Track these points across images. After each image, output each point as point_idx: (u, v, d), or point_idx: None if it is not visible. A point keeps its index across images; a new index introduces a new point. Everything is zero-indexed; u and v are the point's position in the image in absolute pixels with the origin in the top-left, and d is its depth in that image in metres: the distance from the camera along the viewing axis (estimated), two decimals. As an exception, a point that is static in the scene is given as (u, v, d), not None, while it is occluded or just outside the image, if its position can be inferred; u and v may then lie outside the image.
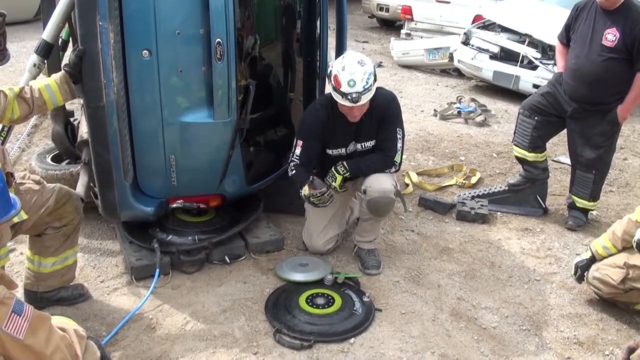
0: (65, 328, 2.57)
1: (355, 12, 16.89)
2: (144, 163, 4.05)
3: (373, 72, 4.02)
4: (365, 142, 4.34)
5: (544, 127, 5.26)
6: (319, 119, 4.26)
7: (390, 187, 4.22)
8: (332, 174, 4.32)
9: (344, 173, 4.29)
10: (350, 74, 3.93)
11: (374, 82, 4.02)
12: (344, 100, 3.99)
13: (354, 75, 3.93)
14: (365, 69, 3.97)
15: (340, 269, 4.45)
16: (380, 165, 4.29)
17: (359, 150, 4.36)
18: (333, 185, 4.32)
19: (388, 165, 4.29)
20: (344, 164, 4.29)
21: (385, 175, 4.27)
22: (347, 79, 3.93)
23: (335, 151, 4.36)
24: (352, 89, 3.93)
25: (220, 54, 3.76)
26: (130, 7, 3.62)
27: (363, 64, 3.99)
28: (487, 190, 5.80)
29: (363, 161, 4.33)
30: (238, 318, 3.87)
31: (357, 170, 4.32)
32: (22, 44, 10.60)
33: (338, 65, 4.02)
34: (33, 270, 3.77)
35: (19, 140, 6.37)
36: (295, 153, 4.27)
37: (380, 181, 4.22)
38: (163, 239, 4.37)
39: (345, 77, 3.94)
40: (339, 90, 3.97)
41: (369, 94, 4.01)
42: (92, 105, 3.64)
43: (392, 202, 4.31)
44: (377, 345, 3.67)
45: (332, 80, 4.03)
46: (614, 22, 4.74)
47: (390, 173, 4.31)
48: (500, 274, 4.55)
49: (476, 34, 10.02)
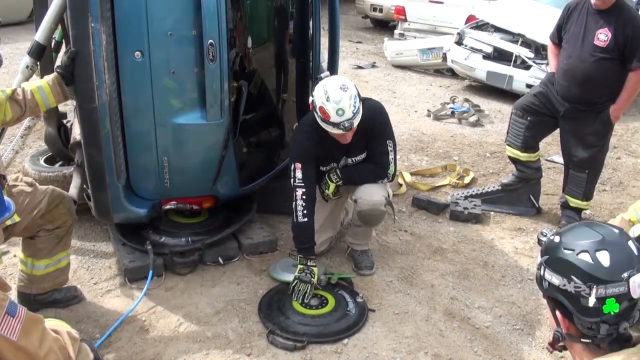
0: (59, 330, 2.57)
1: (349, 12, 16.90)
2: (136, 164, 4.05)
3: (357, 93, 3.91)
4: (355, 157, 4.31)
5: (536, 127, 5.27)
6: (312, 139, 4.16)
7: (381, 199, 4.20)
8: (325, 182, 4.32)
9: (336, 181, 4.28)
10: (336, 104, 3.79)
11: (360, 102, 3.92)
12: (336, 129, 3.88)
13: (340, 103, 3.79)
14: (349, 93, 3.83)
15: (334, 270, 4.45)
16: (373, 177, 4.27)
17: (350, 164, 4.34)
18: (326, 192, 4.32)
19: (381, 176, 4.27)
20: (337, 172, 4.28)
21: (376, 187, 4.25)
22: (334, 109, 3.80)
23: (328, 167, 4.34)
24: (342, 118, 3.81)
25: (212, 55, 3.76)
26: (123, 8, 3.61)
27: (346, 88, 3.85)
28: (480, 190, 5.82)
29: (357, 171, 4.31)
30: (231, 319, 3.87)
31: (350, 180, 4.30)
32: (15, 45, 10.57)
33: (320, 95, 3.87)
34: (26, 272, 3.76)
35: (12, 142, 6.37)
36: (297, 177, 4.10)
37: (372, 193, 4.20)
38: (156, 241, 4.36)
39: (332, 108, 3.80)
40: (329, 121, 3.85)
41: (359, 116, 3.92)
42: (85, 107, 3.64)
43: (383, 214, 4.31)
44: (370, 346, 3.67)
45: (318, 112, 3.90)
46: (605, 22, 4.75)
47: (383, 183, 4.30)
48: (493, 274, 4.56)
49: (469, 34, 10.04)
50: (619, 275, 1.85)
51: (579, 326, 1.93)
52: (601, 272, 1.86)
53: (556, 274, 1.94)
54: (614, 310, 1.85)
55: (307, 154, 4.16)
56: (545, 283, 1.99)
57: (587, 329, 1.91)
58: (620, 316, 1.87)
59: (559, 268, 1.93)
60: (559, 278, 1.92)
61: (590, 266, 1.87)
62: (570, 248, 1.93)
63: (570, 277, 1.89)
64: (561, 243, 1.98)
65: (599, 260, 1.87)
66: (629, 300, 1.86)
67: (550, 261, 1.97)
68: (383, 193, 4.23)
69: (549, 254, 1.99)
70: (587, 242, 1.91)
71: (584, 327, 1.92)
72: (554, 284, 1.94)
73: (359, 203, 4.21)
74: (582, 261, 1.88)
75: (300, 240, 4.13)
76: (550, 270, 1.96)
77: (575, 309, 1.90)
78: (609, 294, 1.84)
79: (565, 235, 2.01)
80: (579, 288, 1.87)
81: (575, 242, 1.94)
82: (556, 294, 1.95)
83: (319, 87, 3.92)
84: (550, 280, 1.96)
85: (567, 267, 1.91)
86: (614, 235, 1.94)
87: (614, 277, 1.85)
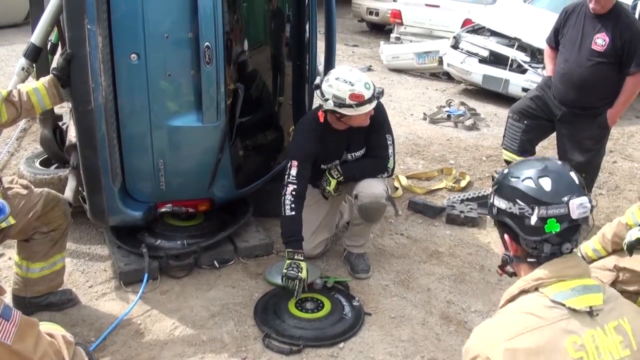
0: (54, 334, 2.55)
1: (345, 15, 16.91)
2: (132, 167, 4.03)
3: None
4: (355, 152, 4.35)
5: (533, 131, 5.27)
6: (313, 138, 4.22)
7: (382, 192, 4.22)
8: (326, 178, 4.33)
9: (338, 177, 4.30)
10: (359, 81, 3.94)
11: None
12: (373, 102, 4.02)
13: (363, 79, 3.97)
14: (357, 70, 4.03)
15: (330, 273, 4.45)
16: (373, 171, 4.29)
17: (350, 160, 4.37)
18: (327, 189, 4.33)
19: (381, 170, 4.29)
20: (338, 169, 4.30)
21: (377, 181, 4.26)
22: (361, 85, 3.93)
23: (329, 165, 4.36)
24: (372, 89, 3.99)
25: (209, 58, 3.75)
26: (119, 10, 3.60)
27: (352, 69, 4.07)
28: (476, 193, 5.82)
29: (357, 166, 4.35)
30: (227, 323, 3.86)
31: (351, 175, 4.32)
32: (11, 47, 10.56)
33: (342, 86, 3.93)
34: (21, 275, 3.74)
35: (8, 145, 6.35)
36: (291, 174, 4.14)
37: (372, 186, 4.22)
38: (152, 244, 4.35)
39: (360, 86, 3.93)
40: (364, 100, 3.94)
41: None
42: (81, 109, 3.62)
43: (384, 208, 4.31)
44: (366, 350, 3.66)
45: (348, 101, 3.92)
46: (603, 27, 4.76)
47: (383, 178, 4.31)
48: (490, 277, 4.55)
49: (465, 38, 10.05)
50: (560, 199, 2.01)
51: (525, 246, 2.09)
52: (543, 195, 2.02)
53: (503, 199, 2.11)
54: (555, 230, 2.00)
55: (305, 154, 4.20)
56: (495, 209, 2.16)
57: (532, 248, 2.07)
58: (561, 236, 2.03)
59: (506, 193, 2.11)
60: (505, 202, 2.10)
61: (533, 190, 2.04)
62: (516, 176, 2.11)
63: (515, 200, 2.06)
64: (508, 173, 2.16)
65: (541, 185, 2.04)
66: (569, 221, 2.01)
67: (498, 189, 2.16)
68: (383, 187, 4.25)
69: (498, 184, 2.17)
70: (531, 171, 2.09)
71: (529, 246, 2.08)
72: (501, 208, 2.12)
73: (360, 197, 4.21)
74: (525, 186, 2.06)
75: (288, 233, 4.12)
76: (498, 196, 2.15)
77: (520, 229, 2.06)
78: (550, 214, 2.00)
79: (513, 167, 2.20)
80: (522, 209, 2.04)
81: (520, 171, 2.12)
82: (503, 217, 2.12)
83: (334, 83, 3.97)
84: (499, 205, 2.13)
85: (512, 192, 2.08)
86: (556, 166, 2.12)
87: (554, 200, 2.01)
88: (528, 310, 1.97)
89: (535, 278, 2.04)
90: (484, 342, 1.96)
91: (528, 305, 2.00)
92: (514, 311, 2.03)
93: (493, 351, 1.89)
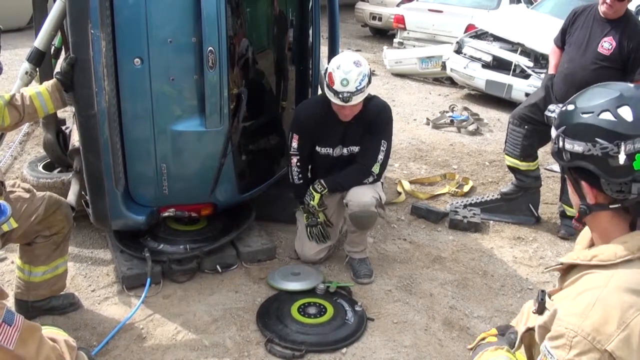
0: (56, 339, 2.56)
1: (348, 20, 16.94)
2: (135, 171, 4.03)
3: (368, 74, 4.02)
4: (351, 147, 4.35)
5: (534, 136, 5.26)
6: (313, 114, 4.29)
7: (371, 200, 4.21)
8: (310, 193, 4.35)
9: (321, 191, 4.31)
10: (344, 73, 3.94)
11: (367, 84, 4.02)
12: (335, 98, 4.00)
13: (348, 74, 3.93)
14: (360, 70, 3.97)
15: (333, 278, 4.44)
16: (357, 176, 4.30)
17: (345, 155, 4.36)
18: (311, 204, 4.35)
19: (365, 175, 4.28)
20: (320, 182, 4.32)
21: (366, 188, 4.26)
22: (340, 77, 3.94)
23: (324, 150, 4.37)
24: (345, 89, 3.94)
25: (212, 62, 3.75)
26: (122, 15, 3.61)
27: (359, 64, 4.00)
28: (479, 198, 5.81)
29: (340, 176, 4.35)
30: (229, 328, 3.85)
31: (336, 186, 4.34)
32: (14, 51, 10.57)
33: (334, 63, 4.05)
34: (23, 279, 3.74)
35: (11, 149, 6.36)
36: (292, 146, 4.33)
37: (361, 195, 4.22)
38: (154, 248, 4.34)
39: (339, 76, 3.95)
40: (332, 88, 3.98)
41: (361, 95, 4.01)
42: (84, 114, 3.63)
43: (374, 215, 4.30)
44: (369, 355, 3.66)
45: (326, 77, 4.05)
46: (611, 31, 4.76)
47: (371, 184, 4.31)
48: (492, 283, 4.54)
49: (469, 43, 10.06)
50: None
51: (608, 191, 1.81)
52: (626, 127, 1.74)
53: (578, 141, 1.81)
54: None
55: (305, 128, 4.32)
56: (567, 155, 1.85)
57: (616, 192, 1.79)
58: None
59: (580, 134, 1.81)
60: (582, 144, 1.80)
61: (614, 124, 1.75)
62: (588, 111, 1.81)
63: (595, 140, 1.76)
64: (577, 109, 1.86)
65: (621, 116, 1.75)
66: None
67: (568, 130, 1.85)
68: (373, 194, 4.24)
69: (566, 124, 1.87)
70: (605, 101, 1.80)
71: (614, 190, 1.79)
72: (577, 151, 1.81)
73: (350, 206, 4.23)
74: (604, 120, 1.77)
75: (300, 195, 4.46)
76: (570, 139, 1.83)
77: (603, 172, 1.78)
78: (637, 148, 1.73)
79: (580, 101, 1.89)
80: (605, 149, 1.75)
81: (592, 104, 1.83)
82: (580, 162, 1.82)
83: (338, 56, 4.16)
84: (572, 149, 1.82)
85: (589, 131, 1.79)
86: (630, 90, 1.83)
87: (639, 131, 1.74)
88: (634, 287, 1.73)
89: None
90: (588, 325, 1.69)
91: (635, 280, 1.74)
92: (617, 288, 1.74)
93: (606, 339, 1.66)
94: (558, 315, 1.77)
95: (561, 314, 1.76)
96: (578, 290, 1.79)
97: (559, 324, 1.74)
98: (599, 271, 1.79)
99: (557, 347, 1.72)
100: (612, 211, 1.84)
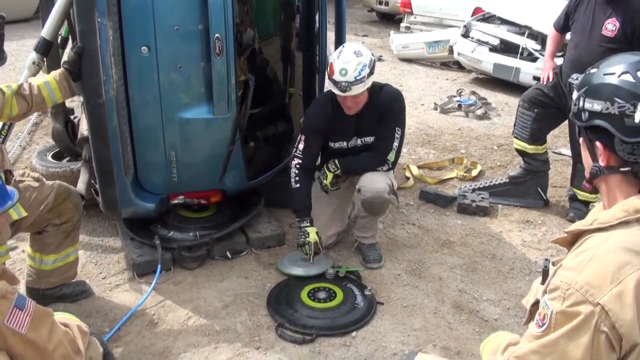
0: (68, 324, 2.58)
1: (355, 5, 16.87)
2: (144, 159, 4.05)
3: (369, 64, 3.98)
4: (366, 137, 4.33)
5: (543, 120, 5.25)
6: (323, 113, 4.27)
7: (384, 186, 4.21)
8: (323, 172, 4.35)
9: (334, 171, 4.31)
10: (343, 63, 3.93)
11: (368, 74, 3.98)
12: (334, 88, 3.99)
13: (347, 64, 3.92)
14: (360, 60, 3.95)
15: (342, 263, 4.46)
16: (372, 163, 4.28)
17: (359, 145, 4.36)
18: (324, 182, 4.35)
19: (380, 163, 4.26)
20: (335, 162, 4.31)
21: (379, 174, 4.25)
22: (339, 67, 3.93)
23: (337, 144, 4.36)
24: (343, 78, 3.92)
25: (219, 50, 3.76)
26: (129, 3, 3.61)
27: (359, 54, 3.97)
28: (488, 182, 5.81)
29: (355, 159, 4.35)
30: (240, 313, 3.88)
31: (349, 168, 4.34)
32: (21, 42, 10.60)
33: (335, 53, 4.05)
34: (34, 267, 3.77)
35: (20, 139, 6.39)
36: (298, 147, 4.28)
37: (374, 181, 4.21)
38: (164, 235, 4.37)
39: (338, 66, 3.94)
40: (332, 78, 3.98)
41: (361, 86, 3.97)
42: (92, 102, 3.64)
43: (387, 202, 4.31)
44: (379, 339, 3.68)
45: (328, 68, 4.06)
46: (614, 12, 4.73)
47: (384, 171, 4.30)
48: (501, 267, 4.55)
49: (476, 27, 10.02)
50: None
51: (620, 152, 1.87)
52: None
53: (598, 100, 1.89)
54: None
55: (315, 129, 4.30)
56: (585, 114, 1.94)
57: (628, 153, 1.86)
58: None
59: (601, 93, 1.89)
60: (601, 103, 1.88)
61: (634, 85, 1.83)
62: (610, 72, 1.90)
63: (614, 99, 1.85)
64: (599, 70, 1.94)
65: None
66: None
67: (590, 90, 1.93)
68: (386, 181, 4.24)
69: (588, 84, 1.95)
70: (626, 65, 1.88)
71: (626, 151, 1.86)
72: (596, 110, 1.89)
73: (362, 191, 4.22)
74: (624, 81, 1.85)
75: (296, 204, 4.37)
76: (590, 98, 1.92)
77: (618, 131, 1.85)
78: None
79: (603, 64, 1.97)
80: (622, 107, 1.83)
81: (613, 66, 1.91)
82: (598, 120, 1.89)
83: (340, 47, 4.12)
84: (592, 108, 1.91)
85: (609, 91, 1.87)
86: None
87: None
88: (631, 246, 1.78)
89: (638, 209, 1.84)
90: (582, 279, 1.74)
91: (632, 241, 1.80)
92: (614, 247, 1.79)
93: (598, 292, 1.71)
94: (557, 271, 1.85)
95: (559, 270, 1.84)
96: (578, 251, 1.86)
97: (556, 277, 1.82)
98: (598, 233, 1.86)
99: (552, 299, 1.79)
100: (621, 175, 1.90)
